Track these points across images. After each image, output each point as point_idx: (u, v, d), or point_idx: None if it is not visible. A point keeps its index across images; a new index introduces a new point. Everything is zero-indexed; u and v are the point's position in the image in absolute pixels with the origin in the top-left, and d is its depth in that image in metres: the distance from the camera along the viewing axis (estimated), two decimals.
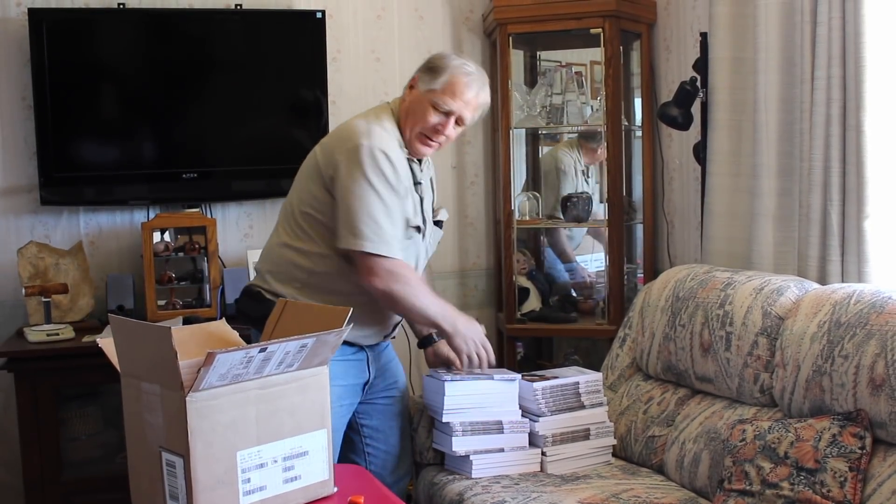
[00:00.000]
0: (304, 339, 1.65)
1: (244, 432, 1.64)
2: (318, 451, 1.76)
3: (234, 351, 1.55)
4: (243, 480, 1.64)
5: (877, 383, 2.06)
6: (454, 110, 2.46)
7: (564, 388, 2.71)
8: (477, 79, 2.49)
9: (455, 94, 2.44)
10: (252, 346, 1.59)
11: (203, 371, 1.53)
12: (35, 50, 3.24)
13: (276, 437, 1.69)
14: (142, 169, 3.44)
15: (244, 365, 1.59)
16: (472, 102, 2.48)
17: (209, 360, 1.52)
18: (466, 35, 3.91)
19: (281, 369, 1.67)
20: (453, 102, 2.45)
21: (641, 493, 2.46)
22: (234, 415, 1.62)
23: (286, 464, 1.71)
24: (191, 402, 1.55)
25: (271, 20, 3.55)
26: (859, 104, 2.45)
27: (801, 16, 2.63)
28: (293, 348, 1.64)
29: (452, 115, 2.46)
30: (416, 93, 2.49)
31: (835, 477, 2.05)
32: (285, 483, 1.71)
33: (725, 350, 2.52)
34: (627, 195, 3.74)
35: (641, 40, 3.64)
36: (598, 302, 3.74)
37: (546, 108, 3.70)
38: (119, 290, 3.32)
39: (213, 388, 1.57)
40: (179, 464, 1.58)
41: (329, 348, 1.73)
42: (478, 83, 2.49)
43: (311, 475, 1.75)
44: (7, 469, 3.28)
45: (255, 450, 1.66)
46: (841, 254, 2.56)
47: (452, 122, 2.47)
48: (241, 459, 1.63)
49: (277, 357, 1.63)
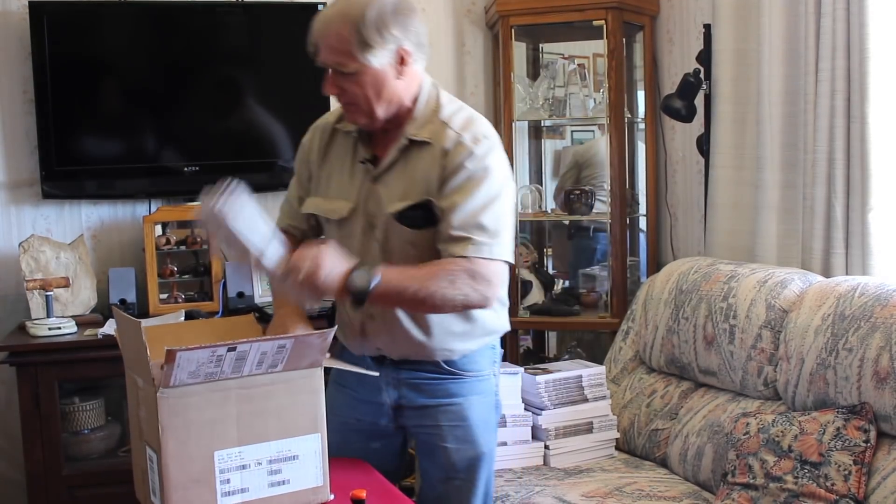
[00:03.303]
0: (283, 340, 1.61)
1: (223, 432, 1.60)
2: (310, 456, 1.71)
3: (199, 349, 1.52)
4: (222, 481, 1.61)
5: (881, 376, 2.06)
6: (319, 63, 2.00)
7: (567, 382, 2.71)
8: (322, 15, 2.00)
9: (310, 45, 2.00)
10: (219, 344, 1.54)
11: (167, 368, 1.51)
12: (36, 43, 3.23)
13: (261, 439, 1.65)
14: (143, 162, 3.43)
15: (215, 364, 1.56)
16: (323, 41, 1.96)
17: (170, 358, 1.49)
18: (468, 27, 3.89)
19: (263, 369, 1.63)
20: (313, 50, 2.00)
21: (645, 487, 2.45)
22: (212, 414, 1.59)
23: (272, 467, 1.67)
24: (162, 398, 1.53)
25: (273, 13, 3.54)
26: (863, 96, 2.44)
27: (805, 7, 2.62)
28: (270, 349, 1.60)
29: (327, 69, 1.99)
30: None
31: (839, 470, 2.04)
32: (271, 487, 1.67)
33: (729, 343, 2.51)
34: (630, 188, 3.73)
35: (644, 32, 3.62)
36: (601, 295, 3.73)
37: (548, 101, 3.69)
38: (121, 284, 3.32)
39: (185, 385, 1.55)
40: (155, 459, 1.57)
41: (316, 350, 1.67)
42: (321, 19, 1.99)
43: (301, 480, 1.70)
44: (9, 463, 3.28)
45: (236, 451, 1.62)
46: (845, 246, 2.55)
47: (330, 75, 1.99)
48: (219, 459, 1.60)
49: (254, 357, 1.59)
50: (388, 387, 2.15)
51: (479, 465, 2.15)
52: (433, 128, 2.02)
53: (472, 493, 2.15)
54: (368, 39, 1.92)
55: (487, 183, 1.97)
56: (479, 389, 2.13)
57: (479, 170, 1.97)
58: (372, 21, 1.92)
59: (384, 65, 1.96)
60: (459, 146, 1.98)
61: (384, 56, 1.95)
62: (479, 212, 1.96)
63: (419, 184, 2.00)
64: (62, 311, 3.23)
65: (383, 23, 1.94)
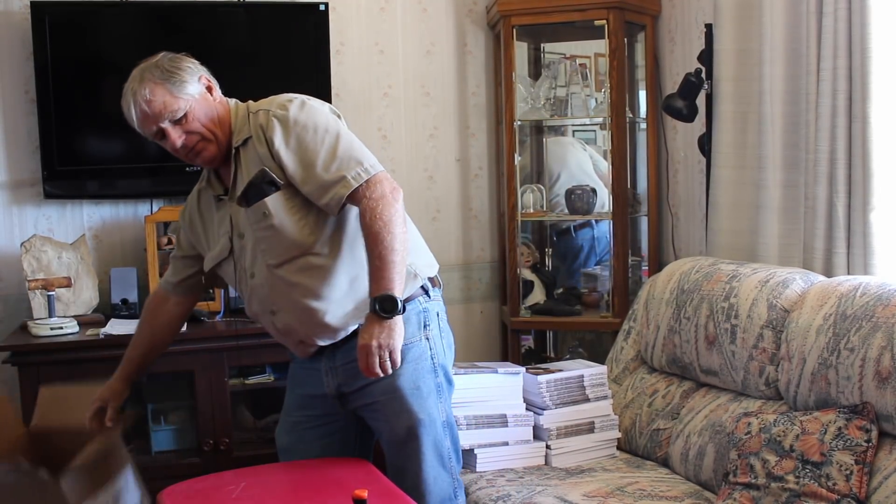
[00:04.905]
0: None
1: None
2: None
3: None
4: None
5: (883, 376, 2.06)
6: (153, 132, 2.15)
7: (569, 381, 2.70)
8: (128, 93, 2.13)
9: (141, 127, 2.15)
10: None
11: None
12: (38, 43, 3.23)
13: None
14: (145, 162, 3.43)
15: None
16: (149, 113, 2.11)
17: None
18: (470, 27, 3.89)
19: None
20: (148, 130, 2.15)
21: (646, 487, 2.45)
22: None
23: None
24: None
25: (275, 13, 3.54)
26: (865, 95, 2.44)
27: (807, 6, 2.61)
28: None
29: (162, 131, 2.14)
30: None
31: (840, 470, 2.04)
32: None
33: (730, 343, 2.51)
34: (632, 188, 3.73)
35: (646, 32, 3.62)
36: (602, 295, 3.73)
37: (550, 101, 3.69)
38: (122, 284, 3.32)
39: None
40: None
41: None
42: (133, 107, 2.12)
43: None
44: None
45: None
46: (847, 246, 2.55)
47: (170, 130, 2.13)
48: None
49: None
50: (328, 376, 2.29)
51: (420, 432, 2.22)
52: (248, 124, 2.19)
53: (421, 460, 2.23)
54: (178, 77, 2.12)
55: (319, 128, 2.14)
56: (407, 358, 2.18)
57: (305, 124, 2.13)
58: (167, 66, 2.14)
59: (201, 93, 2.16)
60: (271, 116, 2.14)
61: (196, 86, 2.15)
62: (332, 152, 2.12)
63: (255, 169, 2.15)
64: (64, 310, 3.23)
65: (175, 62, 2.16)
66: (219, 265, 2.31)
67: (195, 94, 2.14)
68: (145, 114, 2.11)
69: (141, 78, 2.12)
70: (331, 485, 2.06)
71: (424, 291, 2.27)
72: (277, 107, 2.15)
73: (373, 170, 2.12)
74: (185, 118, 2.12)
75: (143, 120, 2.12)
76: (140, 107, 2.10)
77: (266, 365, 3.29)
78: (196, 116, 2.14)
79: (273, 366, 3.28)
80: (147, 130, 2.15)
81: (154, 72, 2.12)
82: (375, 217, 2.04)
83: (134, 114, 2.12)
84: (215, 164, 2.24)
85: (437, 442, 2.26)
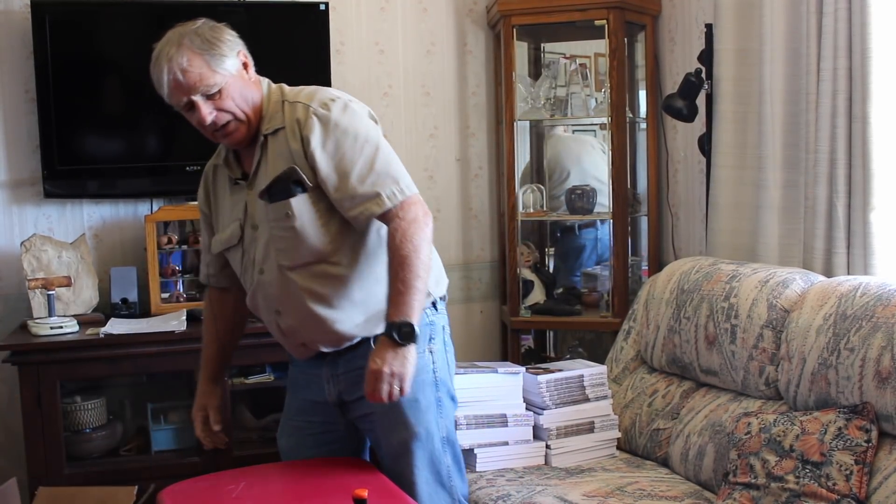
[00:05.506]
0: None
1: None
2: None
3: None
4: None
5: (883, 376, 2.06)
6: (182, 103, 2.04)
7: (569, 381, 2.71)
8: (162, 56, 2.01)
9: (170, 96, 2.04)
10: None
11: None
12: (38, 43, 3.23)
13: None
14: (145, 161, 3.43)
15: None
16: (182, 80, 1.99)
17: None
18: (470, 27, 3.89)
19: None
20: (176, 100, 2.04)
21: (646, 486, 2.45)
22: None
23: None
24: None
25: (275, 12, 3.54)
26: (865, 95, 2.44)
27: (807, 6, 2.61)
28: None
29: (192, 103, 2.03)
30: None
31: (840, 470, 2.04)
32: None
33: (730, 343, 2.51)
34: (632, 187, 3.73)
35: (646, 32, 3.62)
36: (602, 294, 3.74)
37: (550, 101, 3.69)
38: (122, 283, 3.32)
39: None
40: None
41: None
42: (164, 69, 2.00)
43: None
44: (11, 462, 3.28)
45: None
46: (847, 246, 2.55)
47: (201, 104, 2.02)
48: None
49: None
50: (329, 384, 2.22)
51: (415, 447, 2.16)
52: (281, 113, 2.09)
53: (414, 475, 2.16)
54: (218, 50, 2.02)
55: (360, 136, 2.05)
56: None
57: (346, 129, 2.04)
58: (209, 35, 2.03)
59: (238, 69, 2.06)
60: (311, 113, 2.04)
61: (234, 61, 2.05)
62: (370, 164, 2.03)
63: (282, 162, 2.06)
64: (64, 310, 3.23)
65: (216, 32, 2.06)
66: (227, 250, 2.24)
67: (232, 69, 2.04)
68: (178, 83, 1.99)
69: (179, 43, 1.99)
70: (331, 484, 2.06)
71: (432, 304, 2.22)
72: (319, 104, 2.05)
73: (408, 190, 2.04)
74: (219, 94, 2.02)
75: (174, 88, 2.00)
76: (174, 74, 1.98)
77: (266, 364, 3.28)
78: (230, 94, 2.03)
79: (273, 365, 3.28)
80: (175, 100, 2.03)
81: (194, 39, 1.99)
82: (406, 240, 1.98)
83: (165, 80, 1.99)
84: (241, 146, 2.14)
85: (435, 458, 2.18)
